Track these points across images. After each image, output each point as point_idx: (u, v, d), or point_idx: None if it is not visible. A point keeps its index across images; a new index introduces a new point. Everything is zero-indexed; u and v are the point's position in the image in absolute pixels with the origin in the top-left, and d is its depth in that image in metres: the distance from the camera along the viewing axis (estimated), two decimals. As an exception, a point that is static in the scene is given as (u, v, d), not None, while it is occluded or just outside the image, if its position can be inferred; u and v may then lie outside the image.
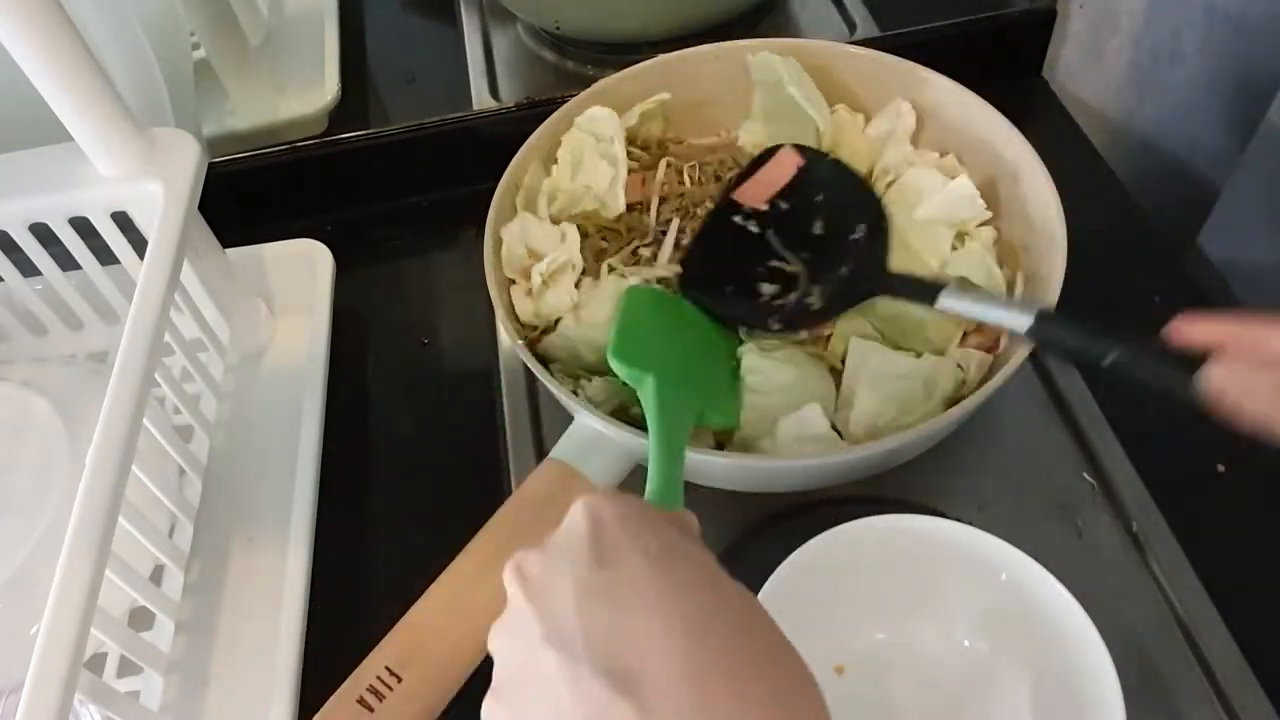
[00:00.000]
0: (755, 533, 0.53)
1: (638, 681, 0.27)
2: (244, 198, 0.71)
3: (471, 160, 0.64)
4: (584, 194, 0.58)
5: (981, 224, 0.56)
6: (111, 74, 0.50)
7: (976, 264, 0.54)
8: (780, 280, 0.55)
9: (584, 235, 0.57)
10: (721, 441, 0.51)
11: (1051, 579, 0.45)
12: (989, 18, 0.74)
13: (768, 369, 0.51)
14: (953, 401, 0.49)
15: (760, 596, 0.45)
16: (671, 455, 0.42)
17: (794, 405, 0.49)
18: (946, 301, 0.48)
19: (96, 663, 0.51)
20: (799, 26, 0.79)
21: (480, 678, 0.43)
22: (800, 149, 0.58)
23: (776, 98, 0.60)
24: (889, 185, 0.58)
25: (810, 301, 0.53)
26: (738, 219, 0.57)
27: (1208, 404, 0.40)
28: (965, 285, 0.53)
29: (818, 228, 0.56)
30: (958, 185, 0.55)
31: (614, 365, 0.46)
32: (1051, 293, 0.49)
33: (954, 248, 0.55)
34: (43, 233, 0.56)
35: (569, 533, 0.32)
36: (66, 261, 0.58)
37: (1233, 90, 0.66)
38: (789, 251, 0.56)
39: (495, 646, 0.31)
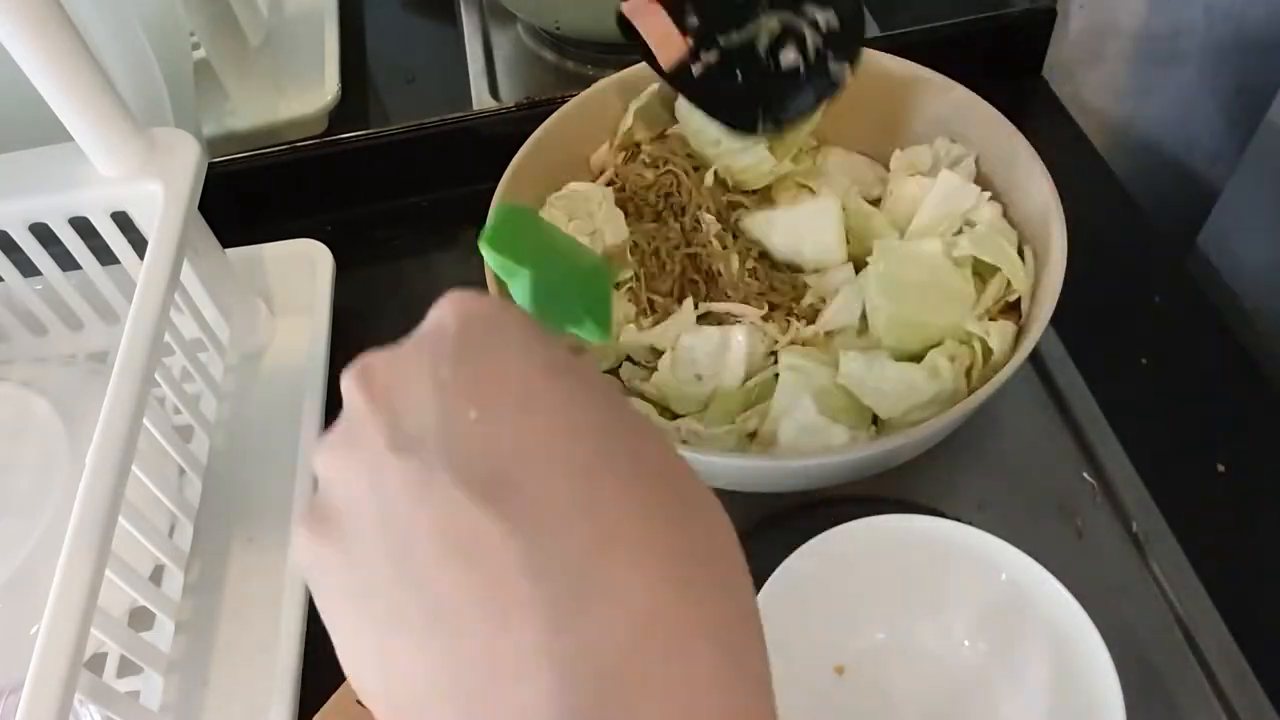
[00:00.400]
0: (755, 533, 0.53)
1: (510, 486, 0.21)
2: (244, 198, 0.71)
3: (471, 160, 0.64)
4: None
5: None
6: (111, 74, 0.50)
7: (985, 240, 0.54)
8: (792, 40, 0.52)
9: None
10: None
11: (1051, 579, 0.45)
12: (989, 18, 0.74)
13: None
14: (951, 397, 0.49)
15: (760, 597, 0.45)
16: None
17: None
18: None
19: (96, 663, 0.51)
20: (799, 26, 0.79)
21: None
22: None
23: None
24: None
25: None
26: None
27: None
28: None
29: None
30: (944, 180, 0.55)
31: (486, 255, 0.46)
32: (1052, 292, 0.49)
33: (960, 230, 0.55)
34: (43, 233, 0.56)
35: (430, 329, 0.26)
36: (66, 261, 0.58)
37: (1233, 90, 0.66)
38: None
39: (321, 464, 0.25)
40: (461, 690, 0.21)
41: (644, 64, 0.62)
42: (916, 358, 0.50)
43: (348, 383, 0.26)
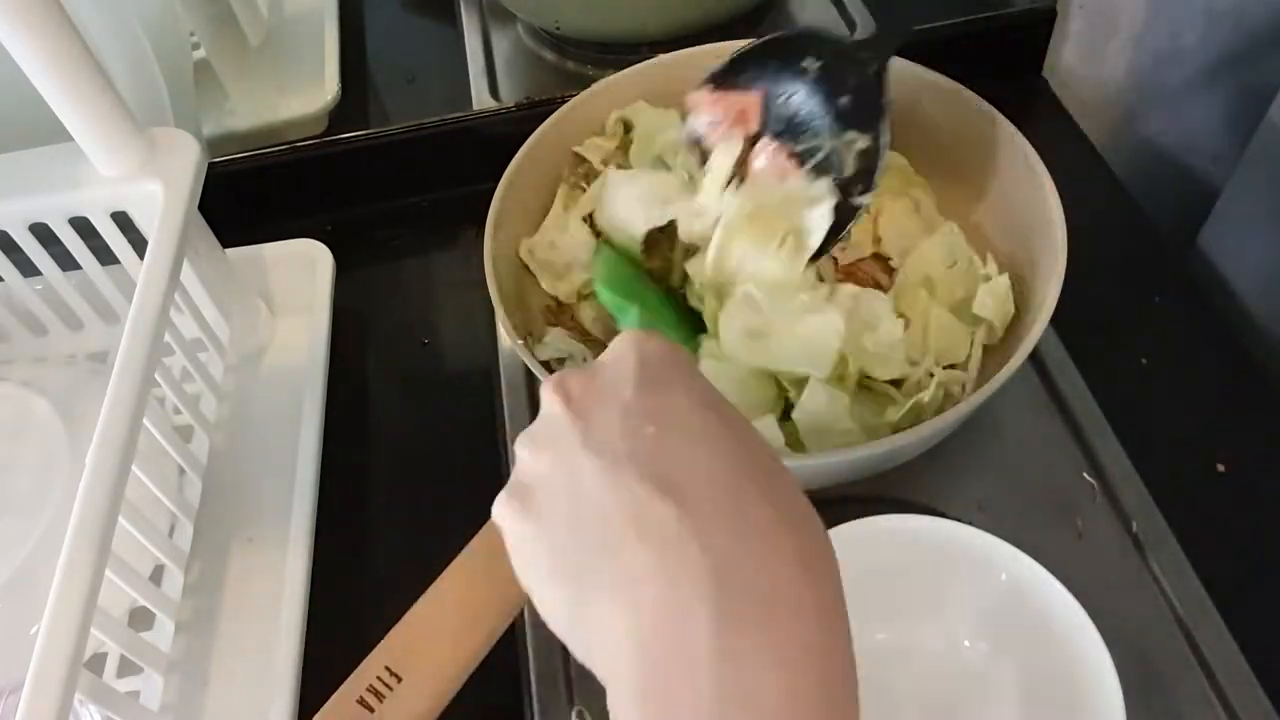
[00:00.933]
0: (755, 533, 0.53)
1: (680, 489, 0.28)
2: (244, 198, 0.71)
3: (471, 160, 0.64)
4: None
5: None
6: (111, 74, 0.50)
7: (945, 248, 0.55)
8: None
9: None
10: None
11: (1051, 579, 0.45)
12: (989, 18, 0.74)
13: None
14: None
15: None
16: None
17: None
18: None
19: (96, 663, 0.51)
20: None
21: (480, 678, 0.43)
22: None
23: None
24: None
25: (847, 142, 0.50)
26: None
27: None
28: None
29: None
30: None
31: (601, 294, 0.48)
32: (1051, 292, 0.49)
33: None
34: (43, 233, 0.56)
35: (616, 360, 0.32)
36: (66, 261, 0.58)
37: (1233, 90, 0.66)
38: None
39: (522, 452, 0.32)
40: (643, 632, 0.26)
41: (644, 64, 0.62)
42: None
43: (549, 392, 0.32)
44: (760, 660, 0.25)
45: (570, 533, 0.29)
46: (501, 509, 0.31)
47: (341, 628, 0.49)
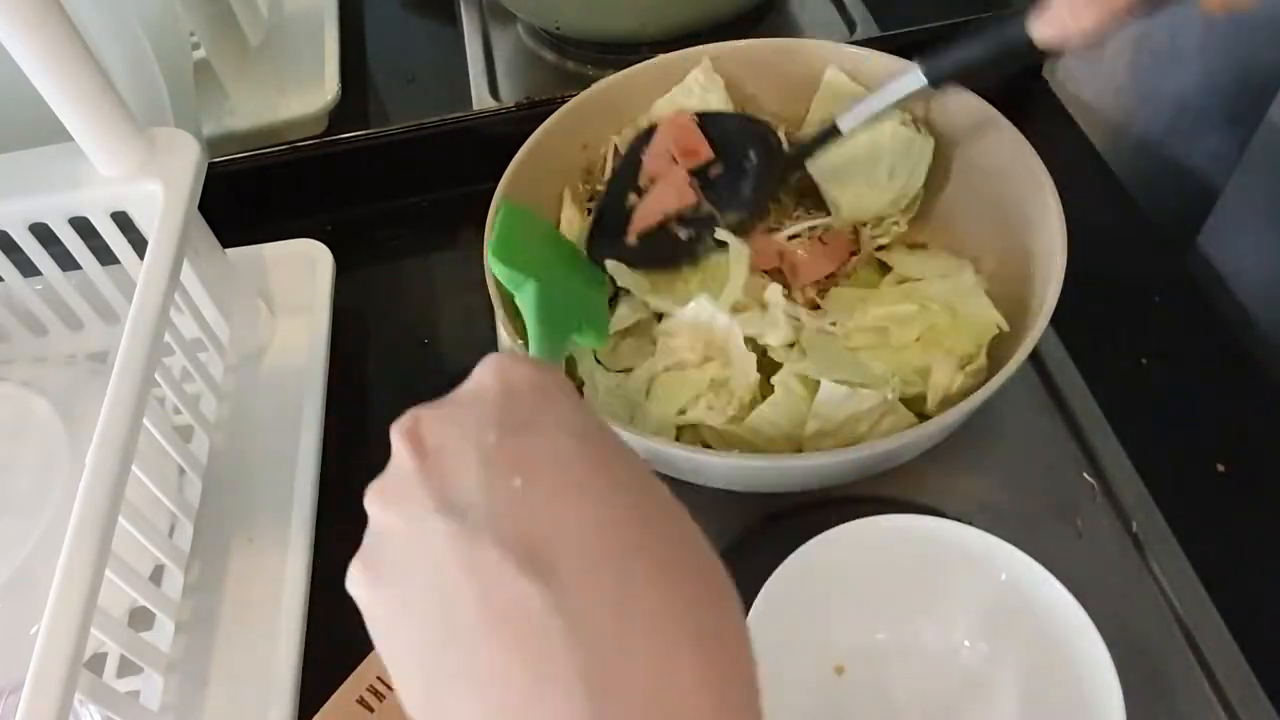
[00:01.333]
0: (755, 533, 0.53)
1: (549, 561, 0.23)
2: (244, 198, 0.71)
3: (471, 160, 0.64)
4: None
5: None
6: (111, 74, 0.50)
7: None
8: (691, 223, 0.57)
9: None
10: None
11: (1051, 579, 0.45)
12: (989, 18, 0.74)
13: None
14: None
15: (760, 597, 0.45)
16: (552, 355, 0.42)
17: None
18: (847, 122, 0.53)
19: (96, 663, 0.51)
20: (799, 26, 0.79)
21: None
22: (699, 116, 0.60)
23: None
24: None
25: (729, 218, 0.56)
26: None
27: (1044, 41, 0.46)
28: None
29: (715, 171, 0.58)
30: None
31: (494, 267, 0.48)
32: (1051, 293, 0.49)
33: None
34: (43, 233, 0.56)
35: (475, 394, 0.28)
36: (66, 261, 0.58)
37: (1233, 90, 0.66)
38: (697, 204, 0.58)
39: (373, 509, 0.27)
40: None
41: (644, 64, 0.62)
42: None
43: (398, 439, 0.28)
44: None
45: (422, 610, 0.25)
46: (353, 576, 0.27)
47: (341, 628, 0.49)
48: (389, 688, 0.42)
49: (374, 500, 0.27)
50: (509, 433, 0.26)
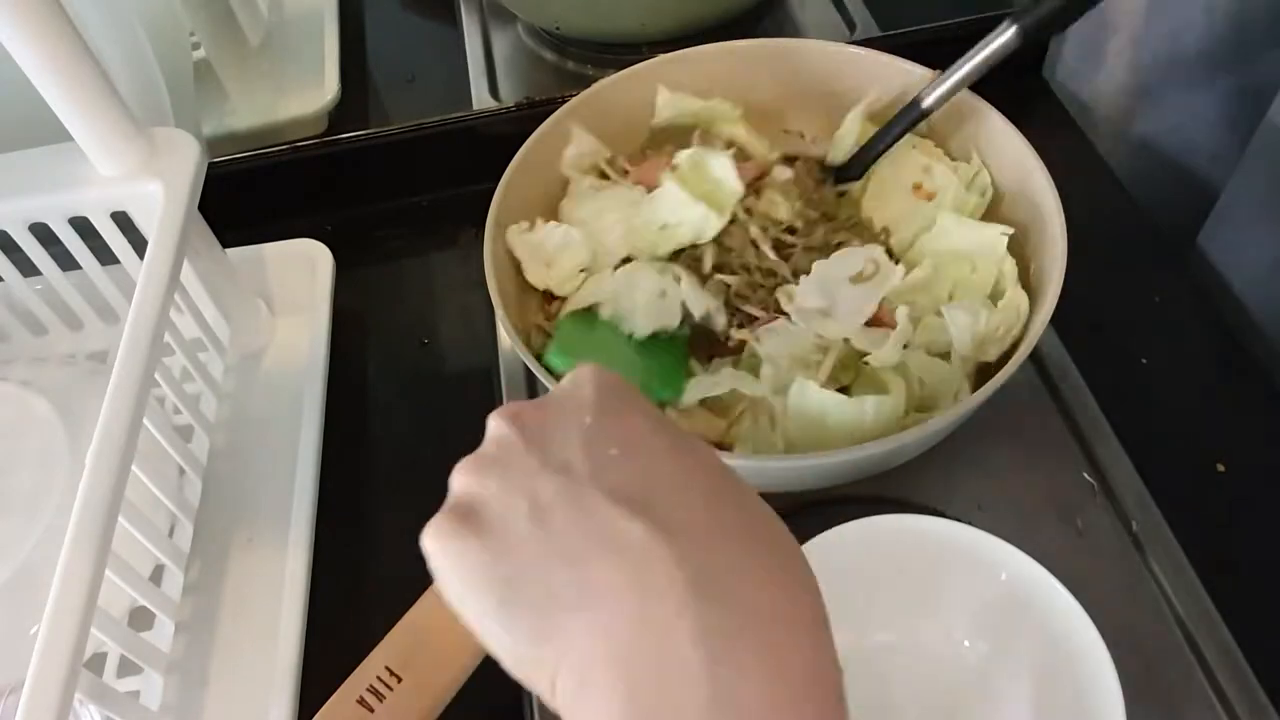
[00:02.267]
0: (755, 533, 0.53)
1: (650, 506, 0.26)
2: (244, 198, 0.71)
3: (471, 160, 0.64)
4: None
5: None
6: (111, 74, 0.50)
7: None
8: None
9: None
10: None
11: (1051, 579, 0.45)
12: (989, 18, 0.74)
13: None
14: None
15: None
16: None
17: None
18: (931, 99, 0.54)
19: (96, 663, 0.51)
20: (799, 26, 0.79)
21: (481, 678, 0.43)
22: None
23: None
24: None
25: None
26: None
27: None
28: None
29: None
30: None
31: (553, 364, 0.49)
32: (1051, 292, 0.49)
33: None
34: (43, 233, 0.56)
35: (572, 388, 0.31)
36: (66, 261, 0.58)
37: (1233, 90, 0.66)
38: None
39: (465, 478, 0.29)
40: (620, 651, 0.25)
41: (644, 64, 0.62)
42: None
43: (499, 419, 0.30)
44: (748, 671, 0.24)
45: (527, 556, 0.26)
46: (437, 531, 0.28)
47: (341, 628, 0.49)
48: (389, 687, 0.42)
49: (469, 470, 0.29)
50: (604, 415, 0.29)
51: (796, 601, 0.27)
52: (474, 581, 0.27)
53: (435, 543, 0.28)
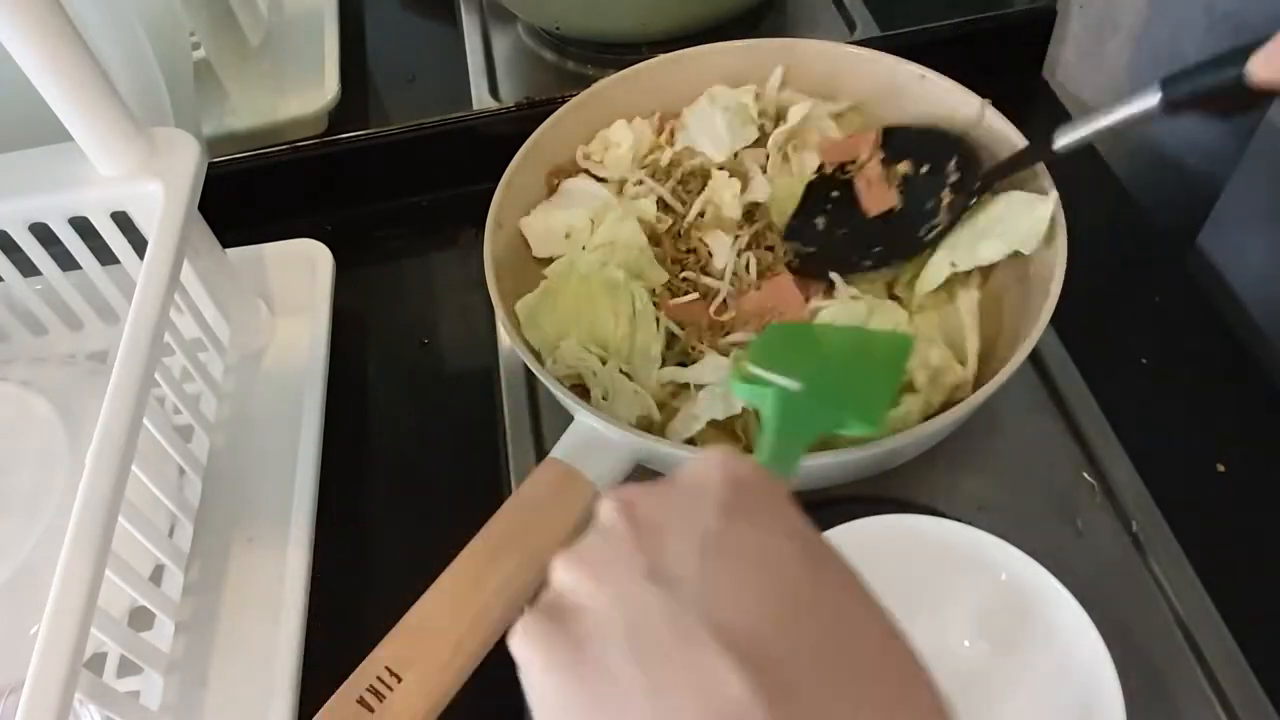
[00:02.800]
0: (755, 533, 0.53)
1: (765, 658, 0.22)
2: (244, 198, 0.71)
3: (471, 160, 0.64)
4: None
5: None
6: (111, 74, 0.50)
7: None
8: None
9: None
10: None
11: (1051, 579, 0.45)
12: (989, 18, 0.74)
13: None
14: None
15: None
16: (783, 468, 0.38)
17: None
18: (1064, 140, 0.51)
19: (96, 663, 0.51)
20: (799, 26, 0.79)
21: (481, 678, 0.43)
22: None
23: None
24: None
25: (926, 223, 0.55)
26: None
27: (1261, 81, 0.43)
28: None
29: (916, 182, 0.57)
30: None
31: (735, 386, 0.44)
32: (1051, 292, 0.49)
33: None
34: (43, 233, 0.56)
35: (698, 478, 0.27)
36: (66, 261, 0.58)
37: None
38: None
39: (565, 573, 0.26)
40: None
41: (644, 64, 0.62)
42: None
43: (611, 505, 0.27)
44: None
45: (618, 682, 0.23)
46: (531, 632, 0.25)
47: (341, 628, 0.49)
48: (389, 687, 0.42)
49: (570, 563, 0.26)
50: (730, 520, 0.25)
51: None
52: (559, 696, 0.25)
53: (523, 643, 0.26)
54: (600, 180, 0.61)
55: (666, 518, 0.26)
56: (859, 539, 0.47)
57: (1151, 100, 0.49)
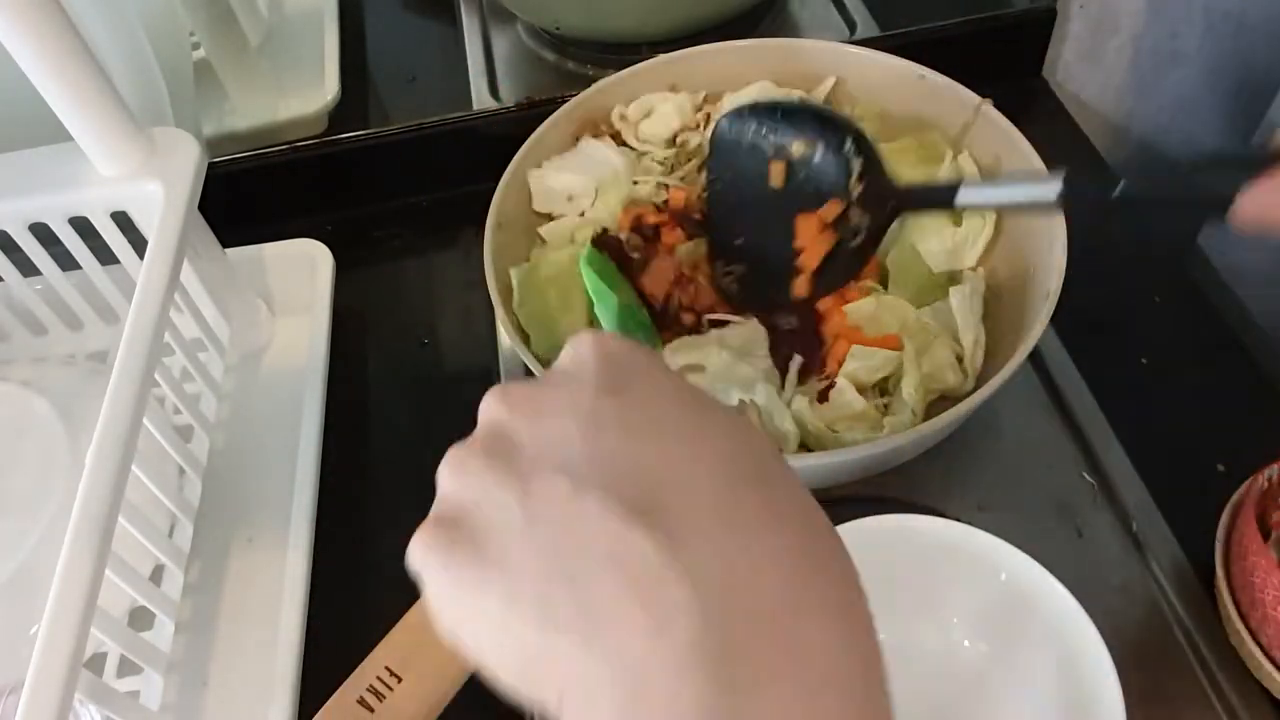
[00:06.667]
0: (755, 533, 0.53)
1: (659, 509, 0.23)
2: (244, 198, 0.71)
3: (471, 160, 0.64)
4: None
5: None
6: (111, 74, 0.50)
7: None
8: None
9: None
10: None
11: (1051, 579, 0.45)
12: (989, 18, 0.74)
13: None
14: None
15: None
16: None
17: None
18: (967, 196, 0.49)
19: (96, 663, 0.51)
20: (799, 26, 0.79)
21: (480, 678, 0.43)
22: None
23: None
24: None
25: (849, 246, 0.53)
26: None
27: (1238, 218, 0.39)
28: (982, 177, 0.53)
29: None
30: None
31: (585, 271, 0.48)
32: (1051, 292, 0.49)
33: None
34: (43, 233, 0.56)
35: (572, 363, 0.27)
36: (66, 261, 0.58)
37: (1233, 90, 0.66)
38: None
39: (453, 479, 0.26)
40: (618, 687, 0.22)
41: (644, 64, 0.62)
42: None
43: (491, 404, 0.27)
44: None
45: (524, 569, 0.23)
46: (424, 546, 0.25)
47: (341, 628, 0.49)
48: (389, 687, 0.42)
49: (454, 467, 0.26)
50: (607, 394, 0.25)
51: (847, 633, 0.24)
52: (464, 601, 0.25)
53: (419, 558, 0.25)
54: (624, 145, 0.62)
55: (548, 405, 0.26)
56: (859, 539, 0.46)
57: (1050, 194, 0.46)
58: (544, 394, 0.26)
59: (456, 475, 0.26)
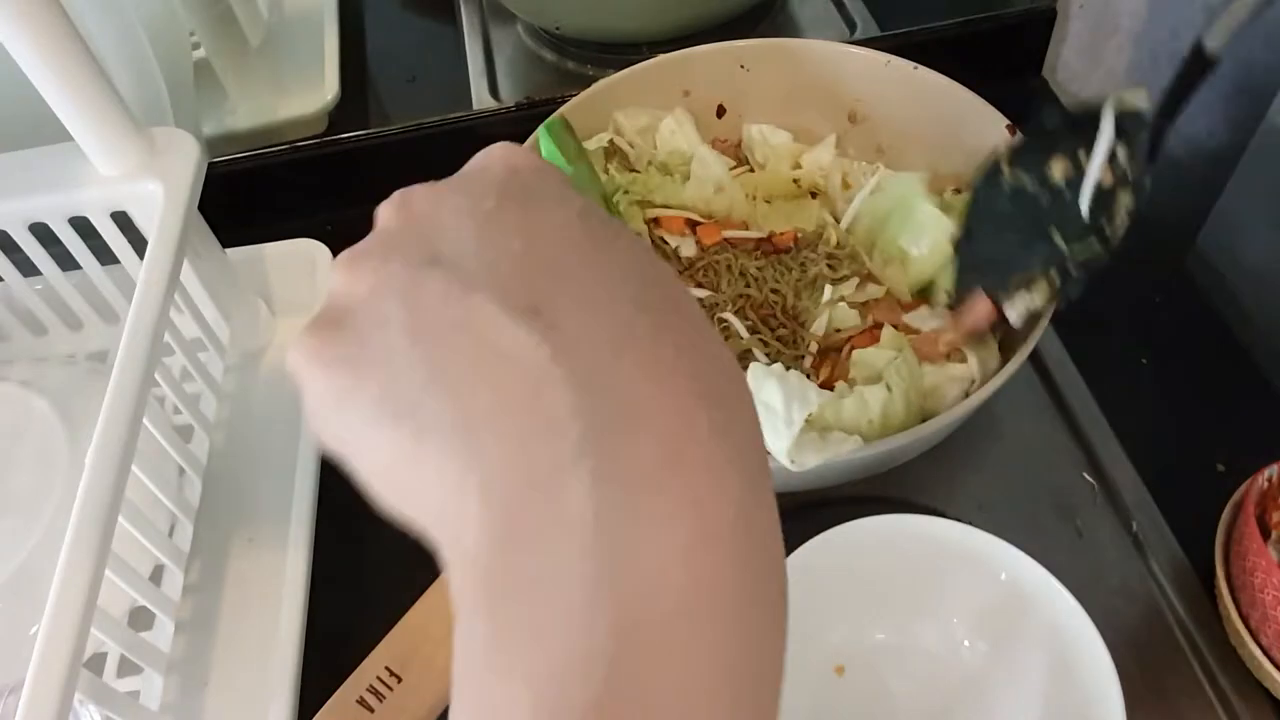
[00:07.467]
0: (755, 533, 0.53)
1: (548, 312, 0.22)
2: (244, 198, 0.71)
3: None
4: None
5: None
6: (111, 74, 0.50)
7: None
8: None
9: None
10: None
11: (1051, 579, 0.45)
12: (989, 18, 0.74)
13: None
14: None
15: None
16: None
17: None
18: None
19: (96, 663, 0.51)
20: (799, 26, 0.79)
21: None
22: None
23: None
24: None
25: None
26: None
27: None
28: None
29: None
30: None
31: (542, 136, 0.49)
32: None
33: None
34: (43, 233, 0.56)
35: (477, 169, 0.26)
36: (66, 261, 0.58)
37: (1233, 90, 0.66)
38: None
39: (340, 274, 0.25)
40: (500, 493, 0.21)
41: (643, 64, 0.62)
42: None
43: (390, 205, 0.26)
44: (654, 534, 0.20)
45: (401, 364, 0.22)
46: (304, 348, 0.24)
47: (341, 628, 0.49)
48: (389, 687, 0.42)
49: (346, 267, 0.25)
50: (510, 200, 0.24)
51: (731, 446, 0.22)
52: (336, 394, 0.23)
53: (297, 352, 0.24)
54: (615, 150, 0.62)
55: (445, 206, 0.25)
56: (859, 539, 0.47)
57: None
58: (444, 197, 0.25)
59: (346, 274, 0.24)
